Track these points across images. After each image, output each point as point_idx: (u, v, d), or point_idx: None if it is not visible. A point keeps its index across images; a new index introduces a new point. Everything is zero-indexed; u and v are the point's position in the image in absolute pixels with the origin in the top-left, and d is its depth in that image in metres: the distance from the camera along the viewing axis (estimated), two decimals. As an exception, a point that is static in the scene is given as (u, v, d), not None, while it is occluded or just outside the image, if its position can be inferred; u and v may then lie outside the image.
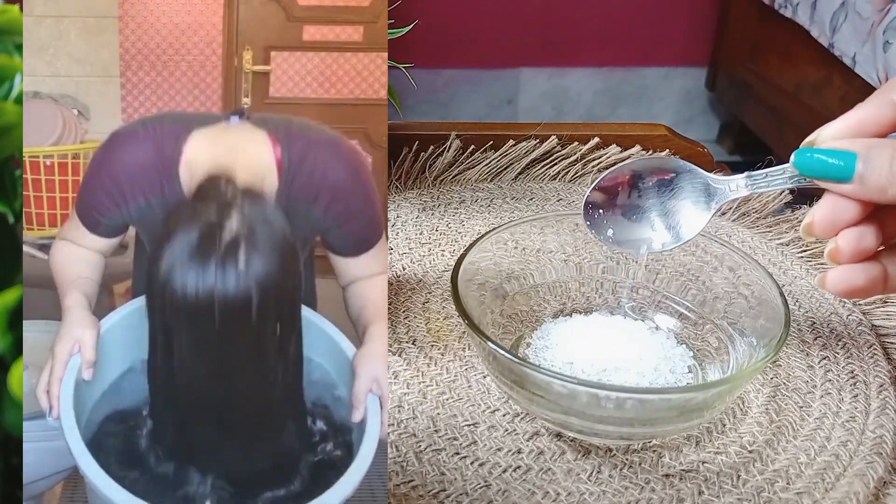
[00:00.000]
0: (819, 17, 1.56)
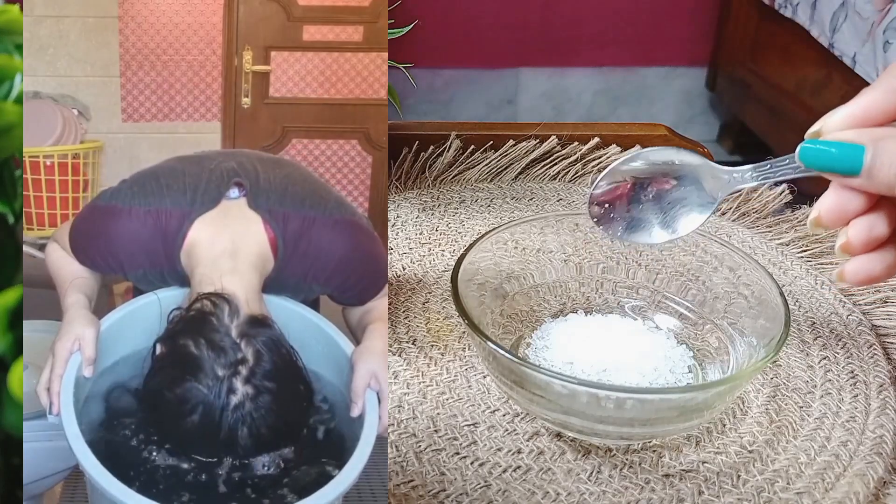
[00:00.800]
0: (819, 17, 1.56)
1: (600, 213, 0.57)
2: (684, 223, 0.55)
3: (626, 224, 0.57)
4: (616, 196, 0.56)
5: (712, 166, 0.54)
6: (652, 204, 0.56)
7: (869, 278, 0.47)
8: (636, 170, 0.56)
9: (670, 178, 0.55)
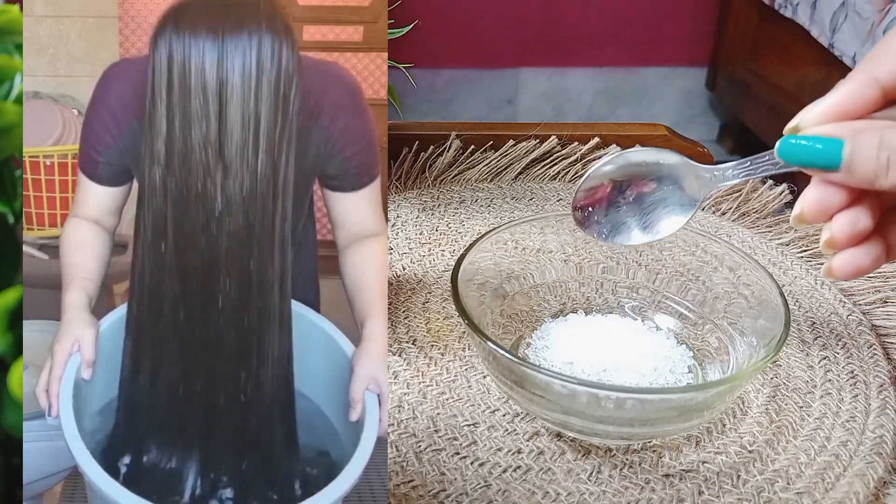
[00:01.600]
0: (819, 17, 1.56)
1: (583, 218, 0.57)
2: (666, 224, 0.55)
3: (608, 227, 0.56)
4: (596, 199, 0.56)
5: (692, 165, 0.53)
6: (633, 206, 0.55)
7: (857, 272, 0.46)
8: (615, 172, 0.55)
9: (650, 179, 0.55)
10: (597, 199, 0.56)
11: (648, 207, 0.55)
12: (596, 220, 0.57)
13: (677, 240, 0.68)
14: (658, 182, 0.54)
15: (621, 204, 0.56)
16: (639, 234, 0.56)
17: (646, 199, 0.55)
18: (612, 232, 0.56)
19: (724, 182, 0.52)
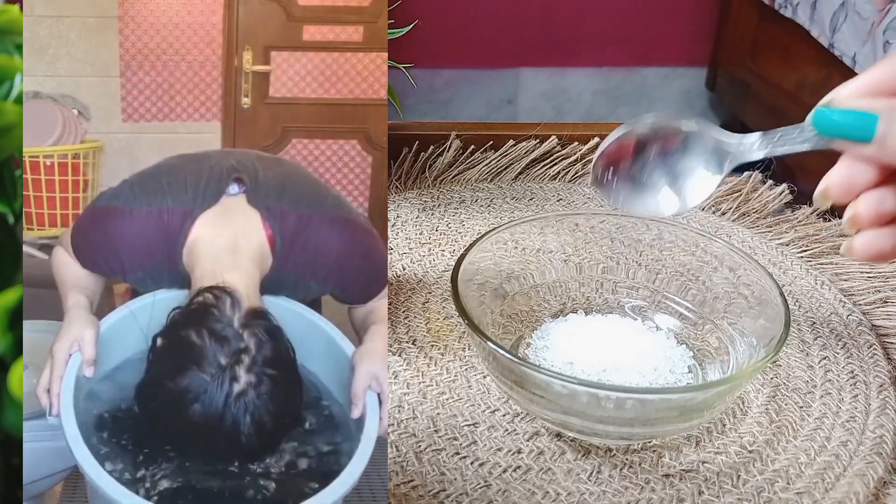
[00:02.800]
0: (819, 17, 1.56)
1: (602, 177, 0.54)
2: (691, 192, 0.52)
3: (629, 189, 0.54)
4: (619, 156, 0.53)
5: (719, 133, 0.51)
6: (658, 166, 0.53)
7: (880, 254, 0.46)
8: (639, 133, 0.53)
9: (676, 140, 0.52)
10: (620, 156, 0.53)
11: (674, 173, 0.52)
12: (616, 180, 0.54)
13: (677, 240, 0.68)
14: (683, 145, 0.52)
15: (645, 162, 0.53)
16: (664, 199, 0.53)
17: (670, 162, 0.52)
18: (632, 194, 0.54)
19: (749, 154, 0.50)
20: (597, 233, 0.70)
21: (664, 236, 0.69)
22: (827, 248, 0.85)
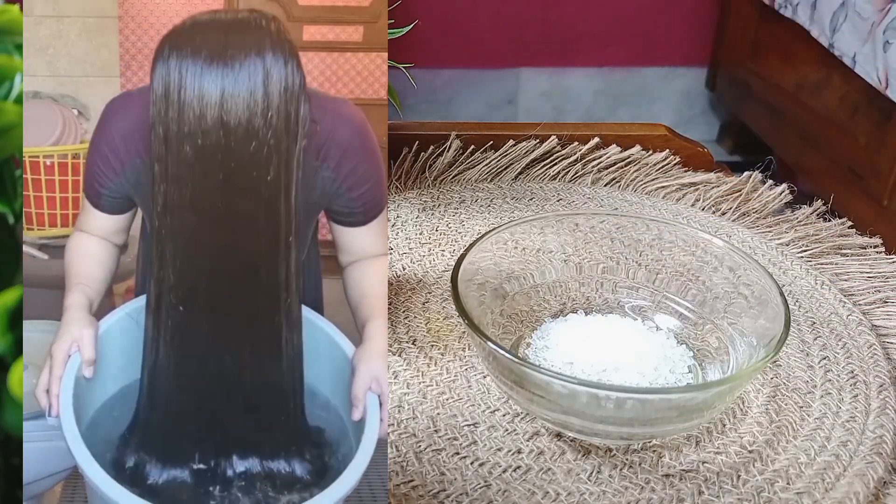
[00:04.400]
0: (819, 17, 1.56)
1: None
2: None
3: None
4: None
5: None
6: None
7: None
8: None
9: None
10: None
11: None
12: None
13: (677, 240, 0.68)
14: None
15: None
16: None
17: None
18: None
19: None
20: (597, 233, 0.70)
21: (664, 236, 0.69)
22: (827, 248, 0.85)
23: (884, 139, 1.41)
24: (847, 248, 0.86)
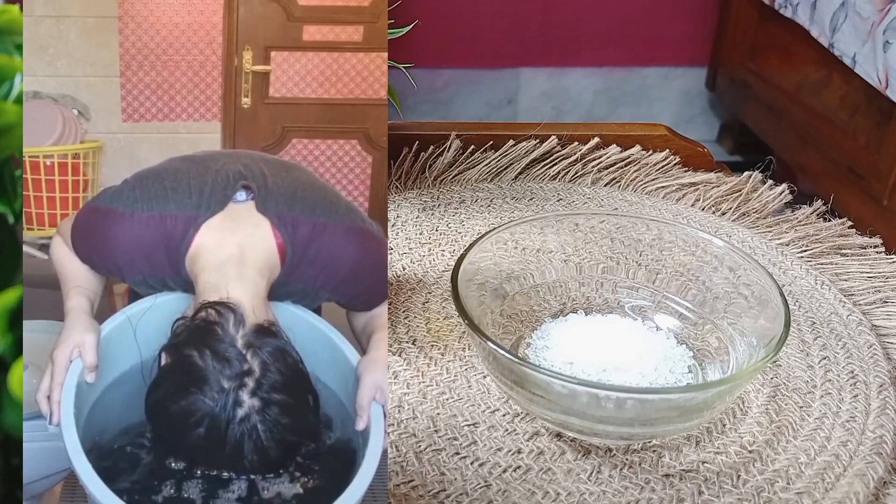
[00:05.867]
0: (819, 17, 1.55)
1: None
2: None
3: None
4: None
5: None
6: None
7: None
8: None
9: None
10: None
11: None
12: None
13: (677, 240, 0.68)
14: None
15: None
16: None
17: None
18: None
19: None
20: (597, 233, 0.70)
21: (664, 236, 0.69)
22: (827, 248, 0.85)
23: (884, 139, 1.41)
24: (847, 248, 0.86)
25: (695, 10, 2.10)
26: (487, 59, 2.11)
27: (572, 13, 2.07)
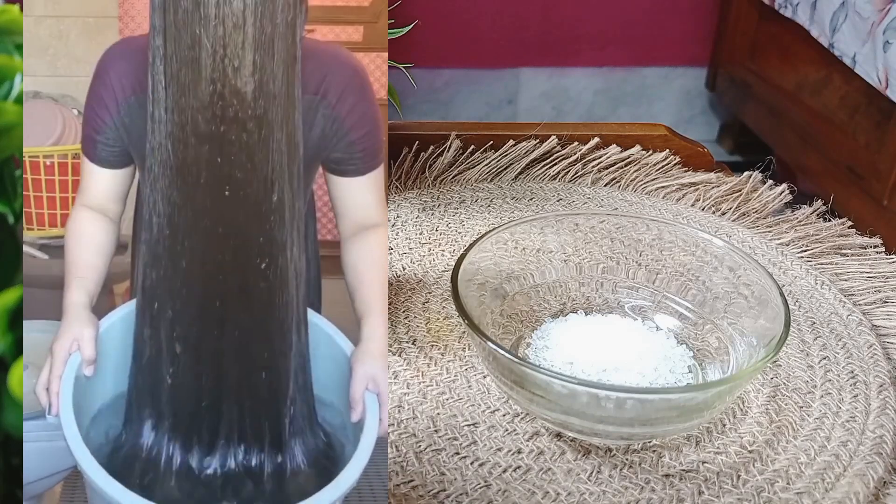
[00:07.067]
0: (819, 17, 1.56)
1: None
2: None
3: None
4: None
5: None
6: None
7: None
8: None
9: None
10: None
11: None
12: None
13: (677, 240, 0.68)
14: None
15: None
16: None
17: None
18: None
19: None
20: (597, 233, 0.70)
21: (664, 236, 0.69)
22: (827, 248, 0.85)
23: (884, 139, 1.41)
24: (847, 248, 0.86)
25: (695, 10, 2.10)
26: (487, 59, 2.11)
27: (572, 13, 2.07)
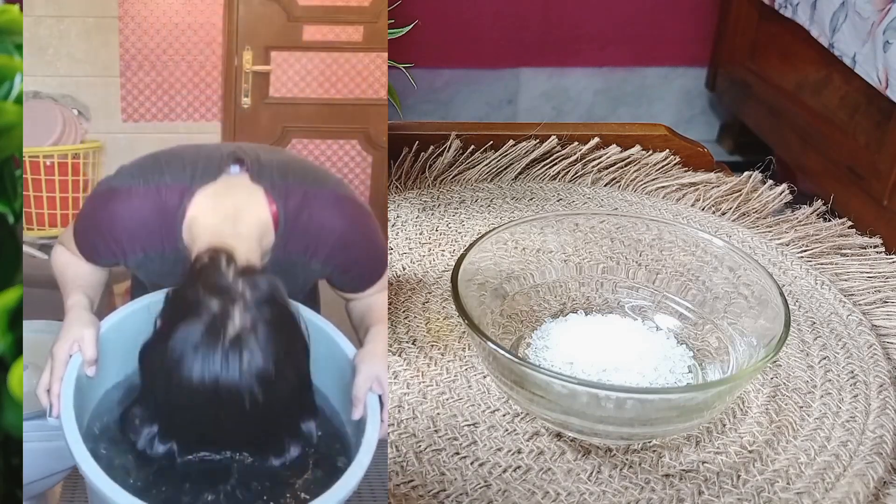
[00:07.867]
0: (819, 17, 1.56)
1: None
2: None
3: None
4: None
5: None
6: None
7: None
8: None
9: None
10: None
11: None
12: None
13: (677, 240, 0.68)
14: None
15: None
16: None
17: None
18: None
19: None
20: (597, 233, 0.70)
21: (664, 236, 0.69)
22: (827, 248, 0.85)
23: (884, 139, 1.41)
24: (847, 248, 0.86)
25: (695, 10, 2.10)
26: (487, 59, 2.11)
27: (572, 13, 2.07)
